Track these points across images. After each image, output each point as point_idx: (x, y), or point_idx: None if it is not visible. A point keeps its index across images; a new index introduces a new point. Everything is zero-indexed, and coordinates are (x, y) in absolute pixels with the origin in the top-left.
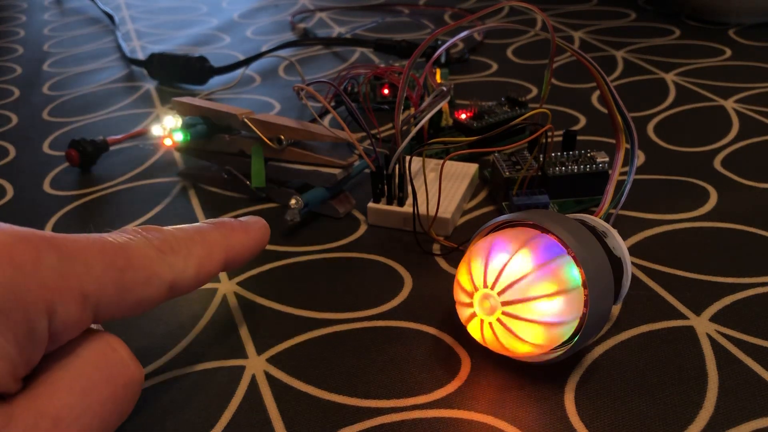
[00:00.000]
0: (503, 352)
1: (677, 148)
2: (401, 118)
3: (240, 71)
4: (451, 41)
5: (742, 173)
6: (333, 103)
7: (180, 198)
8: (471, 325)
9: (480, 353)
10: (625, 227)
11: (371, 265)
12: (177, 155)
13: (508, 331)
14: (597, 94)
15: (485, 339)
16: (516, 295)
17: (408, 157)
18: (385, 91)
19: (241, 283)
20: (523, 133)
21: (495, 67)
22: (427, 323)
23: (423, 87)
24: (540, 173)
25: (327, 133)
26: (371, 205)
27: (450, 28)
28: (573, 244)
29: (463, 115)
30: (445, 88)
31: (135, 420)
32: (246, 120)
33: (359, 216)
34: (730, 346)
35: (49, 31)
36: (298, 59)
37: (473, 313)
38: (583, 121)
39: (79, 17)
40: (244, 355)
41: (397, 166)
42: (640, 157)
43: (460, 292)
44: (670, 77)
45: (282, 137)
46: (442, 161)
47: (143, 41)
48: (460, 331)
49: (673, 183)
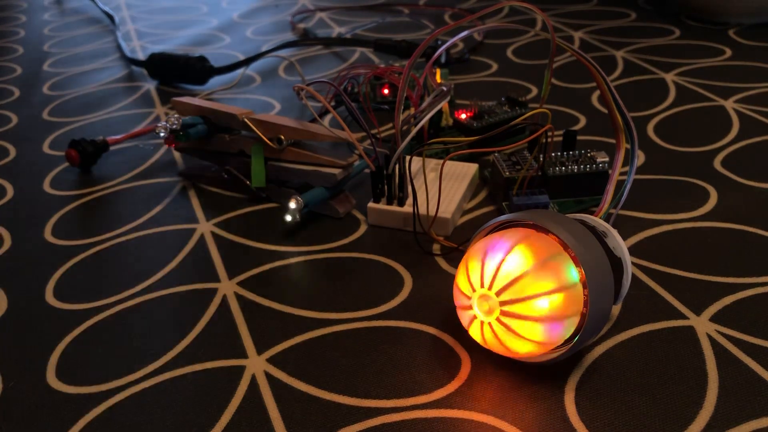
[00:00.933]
0: (505, 353)
1: (677, 148)
2: (401, 118)
3: (240, 71)
4: (451, 41)
5: (742, 173)
6: (333, 103)
7: (180, 198)
8: (472, 329)
9: (480, 353)
10: (625, 227)
11: (371, 265)
12: (177, 155)
13: (508, 330)
14: (597, 94)
15: (486, 340)
16: (514, 294)
17: (408, 157)
18: (385, 91)
19: (241, 283)
20: (523, 133)
21: (495, 67)
22: (427, 323)
23: (423, 87)
24: (540, 173)
25: (327, 133)
26: (371, 205)
27: (450, 28)
28: (573, 244)
29: (463, 115)
30: (445, 88)
31: (135, 419)
32: (246, 120)
33: (359, 216)
34: (730, 346)
35: (49, 31)
36: (298, 59)
37: (474, 316)
38: (583, 121)
39: (79, 17)
40: (244, 355)
41: (397, 166)
42: (640, 157)
43: (460, 296)
44: (670, 77)
45: (282, 137)
46: (442, 161)
47: (143, 41)
48: (460, 331)
49: (673, 183)
